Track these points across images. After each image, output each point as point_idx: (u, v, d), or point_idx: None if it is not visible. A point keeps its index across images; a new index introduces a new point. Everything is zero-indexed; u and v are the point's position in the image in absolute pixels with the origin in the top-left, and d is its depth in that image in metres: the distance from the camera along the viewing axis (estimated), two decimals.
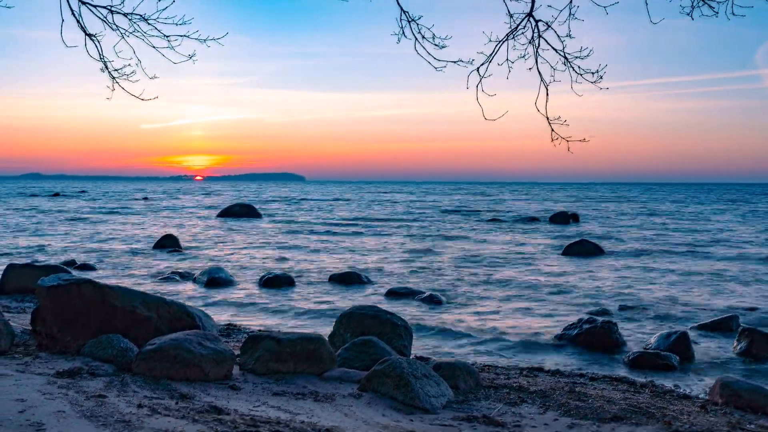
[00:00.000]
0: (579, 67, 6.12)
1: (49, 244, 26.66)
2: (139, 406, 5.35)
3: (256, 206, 51.55)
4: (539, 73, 6.22)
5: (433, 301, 14.46)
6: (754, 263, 22.00)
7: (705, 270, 20.26)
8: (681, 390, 8.23)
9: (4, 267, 14.99)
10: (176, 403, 5.58)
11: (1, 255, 22.51)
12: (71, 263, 19.42)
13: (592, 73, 6.12)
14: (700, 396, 7.93)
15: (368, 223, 41.24)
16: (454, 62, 6.13)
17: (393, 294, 15.34)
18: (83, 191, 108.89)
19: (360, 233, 33.51)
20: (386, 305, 13.38)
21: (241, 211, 45.42)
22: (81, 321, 7.37)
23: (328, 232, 33.83)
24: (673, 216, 50.24)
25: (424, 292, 15.23)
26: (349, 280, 17.12)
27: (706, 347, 10.79)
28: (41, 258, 21.70)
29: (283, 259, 22.31)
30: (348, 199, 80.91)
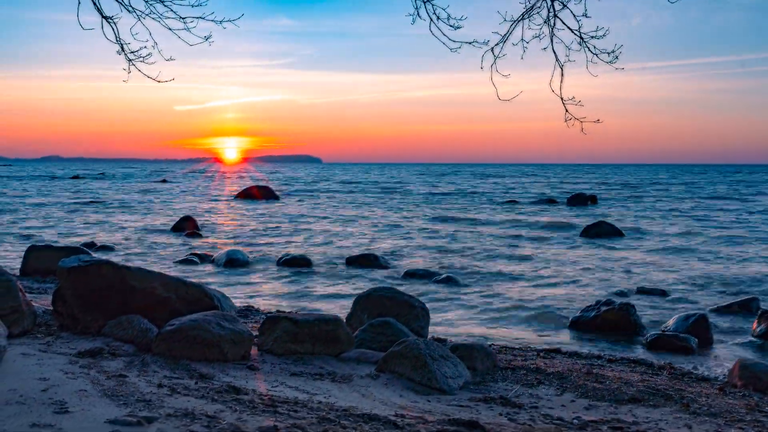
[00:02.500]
0: (594, 47, 6.05)
1: (68, 226, 26.93)
2: (159, 385, 5.41)
3: (274, 188, 51.72)
4: (554, 53, 6.15)
5: (450, 282, 14.46)
6: None
7: (725, 252, 20.09)
8: (699, 372, 8.20)
9: (25, 249, 15.16)
10: (195, 383, 5.63)
11: (22, 237, 22.77)
12: (91, 245, 19.61)
13: (608, 53, 6.05)
14: (718, 378, 7.89)
15: (386, 205, 41.24)
16: (469, 43, 6.08)
17: (410, 275, 15.35)
18: (102, 173, 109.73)
19: (377, 215, 33.53)
20: (403, 287, 13.40)
21: (259, 193, 45.61)
22: (101, 302, 7.44)
23: (346, 214, 33.88)
24: (696, 197, 49.84)
25: (442, 274, 15.23)
26: (366, 261, 17.15)
27: (725, 329, 10.73)
28: (61, 240, 21.91)
29: (300, 241, 22.39)
30: (367, 182, 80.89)
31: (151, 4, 6.04)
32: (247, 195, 45.48)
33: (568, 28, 6.02)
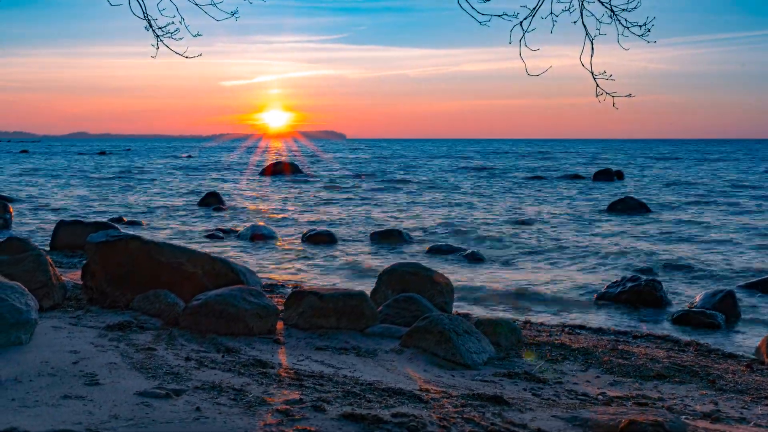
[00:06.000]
0: (626, 20, 5.94)
1: (96, 201, 27.25)
2: (187, 359, 5.49)
3: (299, 164, 51.84)
4: (584, 26, 6.05)
5: (474, 258, 14.44)
6: None
7: (753, 227, 19.82)
8: (726, 349, 8.13)
9: (54, 224, 15.38)
10: (222, 356, 5.71)
11: (51, 212, 23.09)
12: (119, 220, 19.84)
13: (640, 26, 5.93)
14: (745, 355, 7.82)
15: (410, 181, 41.16)
16: (499, 16, 5.98)
17: (435, 251, 15.35)
18: (129, 149, 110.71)
19: (402, 191, 33.50)
20: (428, 262, 13.41)
21: (284, 169, 45.72)
22: (129, 276, 7.54)
23: (370, 190, 33.89)
24: (721, 175, 49.15)
25: (466, 249, 15.21)
26: (390, 237, 17.17)
27: (753, 306, 10.61)
28: (90, 215, 22.18)
29: (325, 216, 22.46)
30: (393, 158, 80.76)
31: None
32: (274, 171, 45.59)
33: (599, 0, 5.91)
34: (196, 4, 6.04)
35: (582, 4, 5.96)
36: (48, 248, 13.94)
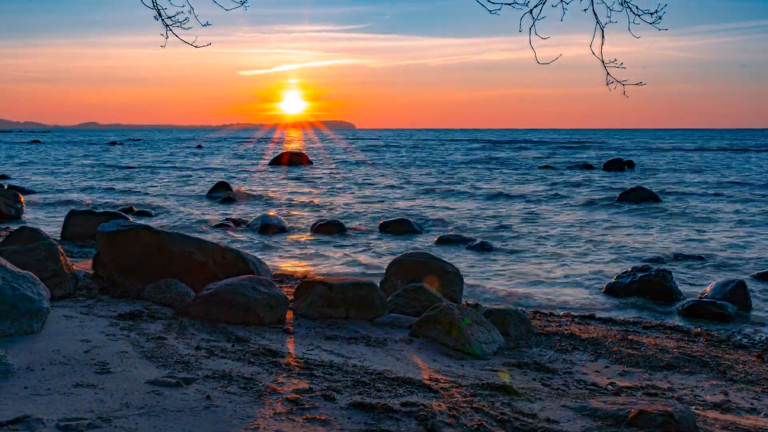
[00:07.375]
0: (637, 8, 5.90)
1: (106, 191, 27.38)
2: (197, 348, 5.52)
3: (308, 154, 51.85)
4: (595, 14, 6.02)
5: (484, 248, 14.42)
6: None
7: (764, 218, 19.70)
8: (737, 340, 8.10)
9: (64, 214, 15.45)
10: (232, 345, 5.73)
11: (62, 203, 23.21)
12: (129, 210, 19.92)
13: (651, 14, 5.89)
14: (756, 346, 7.79)
15: (419, 172, 41.12)
16: (509, 4, 5.96)
17: (444, 241, 15.34)
18: (139, 139, 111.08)
19: (412, 181, 33.47)
20: (437, 252, 13.41)
21: (293, 159, 45.75)
22: (140, 266, 7.57)
23: (380, 180, 33.87)
24: (732, 165, 48.85)
25: (476, 239, 15.20)
26: (399, 227, 17.16)
27: (764, 296, 10.56)
28: (99, 205, 22.28)
29: (334, 206, 22.48)
30: (403, 147, 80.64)
31: None
32: (281, 161, 45.65)
33: None
34: None
35: None
36: (59, 238, 14.01)
